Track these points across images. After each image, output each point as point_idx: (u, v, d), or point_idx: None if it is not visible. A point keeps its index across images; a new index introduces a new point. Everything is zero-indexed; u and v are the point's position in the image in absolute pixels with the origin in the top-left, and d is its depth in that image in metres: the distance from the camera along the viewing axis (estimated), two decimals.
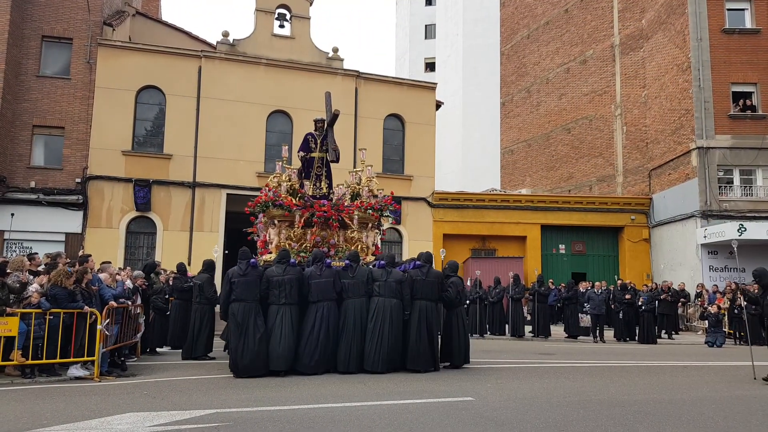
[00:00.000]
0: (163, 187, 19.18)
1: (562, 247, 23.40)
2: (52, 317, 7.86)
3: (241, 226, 12.32)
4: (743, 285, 15.38)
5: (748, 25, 20.54)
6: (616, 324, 16.25)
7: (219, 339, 11.02)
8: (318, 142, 10.80)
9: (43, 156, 18.72)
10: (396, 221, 20.83)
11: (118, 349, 9.11)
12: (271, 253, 9.84)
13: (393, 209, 11.19)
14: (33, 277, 8.45)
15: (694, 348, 14.58)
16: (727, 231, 18.45)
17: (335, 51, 21.53)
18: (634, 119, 24.10)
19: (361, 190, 10.55)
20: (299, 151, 10.83)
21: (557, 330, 17.62)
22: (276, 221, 9.91)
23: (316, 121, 11.07)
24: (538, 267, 21.05)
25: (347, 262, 9.02)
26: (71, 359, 8.05)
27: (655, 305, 16.22)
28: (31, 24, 18.65)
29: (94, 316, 8.11)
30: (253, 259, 8.75)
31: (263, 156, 20.24)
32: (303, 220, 9.90)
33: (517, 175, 31.05)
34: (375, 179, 10.91)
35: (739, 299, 11.89)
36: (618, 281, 17.41)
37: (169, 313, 11.63)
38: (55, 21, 18.86)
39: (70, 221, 18.32)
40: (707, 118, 19.89)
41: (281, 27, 21.18)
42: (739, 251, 18.99)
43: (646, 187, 23.28)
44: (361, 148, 11.85)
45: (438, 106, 23.24)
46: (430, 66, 45.85)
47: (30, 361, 7.77)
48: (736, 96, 20.21)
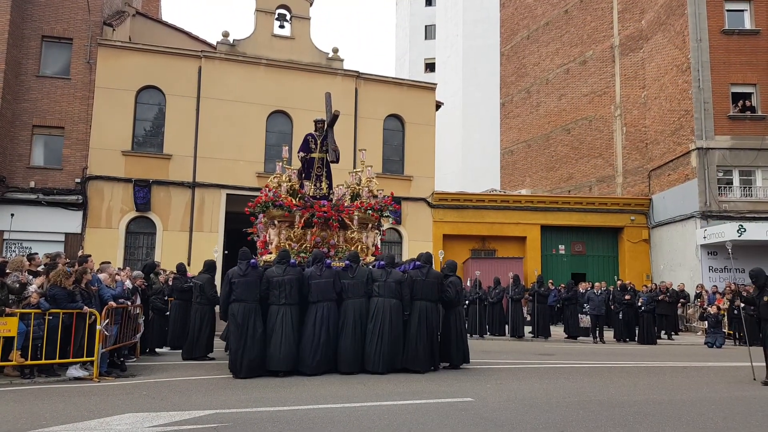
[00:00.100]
0: (162, 187, 19.18)
1: (562, 247, 23.41)
2: (51, 317, 7.85)
3: (241, 227, 12.32)
4: (742, 286, 15.41)
5: (748, 26, 20.54)
6: (616, 325, 16.25)
7: (219, 340, 11.01)
8: (318, 142, 10.83)
9: (43, 156, 18.72)
10: (396, 221, 20.84)
11: (118, 350, 9.10)
12: (271, 253, 9.85)
13: (393, 209, 11.20)
14: (32, 278, 8.44)
15: (693, 349, 14.59)
16: (726, 232, 18.45)
17: (335, 51, 21.53)
18: (633, 120, 24.10)
19: (361, 191, 10.56)
20: (299, 152, 10.85)
21: (557, 330, 17.63)
22: (276, 222, 9.92)
23: (316, 121, 11.09)
24: (537, 267, 21.04)
25: (347, 262, 9.03)
26: (70, 359, 8.04)
27: (655, 306, 16.22)
28: (31, 24, 18.65)
29: (94, 317, 8.11)
30: (253, 260, 8.75)
31: (263, 156, 20.24)
32: (303, 221, 9.91)
33: (516, 175, 31.05)
34: (375, 180, 10.92)
35: (737, 302, 11.91)
36: (618, 282, 17.40)
37: (168, 313, 11.63)
38: (55, 21, 18.87)
39: (70, 221, 18.32)
40: (707, 119, 19.90)
41: (281, 27, 21.19)
42: (739, 252, 19.17)
43: (646, 187, 23.28)
44: (361, 149, 11.86)
45: (438, 106, 23.25)
46: (430, 66, 45.86)
47: (29, 362, 7.76)
48: (736, 97, 20.21)
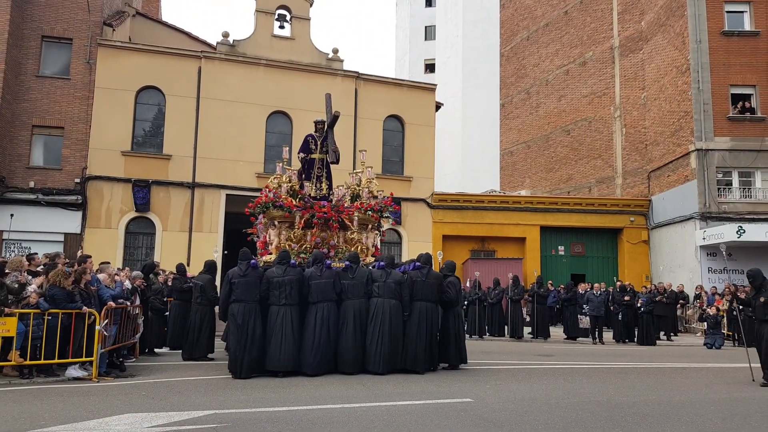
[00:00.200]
0: (162, 187, 19.18)
1: (561, 248, 23.42)
2: (50, 318, 7.85)
3: (241, 227, 12.32)
4: (741, 287, 15.39)
5: (747, 27, 20.55)
6: (615, 325, 16.26)
7: (220, 340, 11.01)
8: (318, 143, 10.84)
9: (43, 156, 18.72)
10: (396, 222, 20.84)
11: (117, 350, 9.10)
12: (271, 254, 9.85)
13: (393, 210, 11.20)
14: (31, 278, 8.44)
15: (692, 349, 14.59)
16: (726, 233, 18.46)
17: (335, 52, 21.54)
18: (633, 121, 24.11)
19: (361, 192, 10.57)
20: (299, 153, 10.86)
21: (556, 331, 17.62)
22: (276, 222, 9.92)
23: (316, 122, 11.10)
24: (537, 268, 21.05)
25: (347, 263, 9.03)
26: (69, 360, 8.04)
27: (653, 307, 16.21)
28: (30, 24, 18.65)
29: (93, 317, 8.11)
30: (253, 260, 8.75)
31: (263, 157, 20.24)
32: (303, 221, 9.91)
33: (516, 176, 31.06)
34: (375, 180, 10.92)
35: (734, 304, 11.89)
36: (617, 283, 17.40)
37: (167, 313, 11.62)
38: (55, 21, 18.87)
39: (69, 221, 18.31)
40: (706, 120, 19.91)
41: (281, 28, 21.20)
42: (739, 253, 19.22)
43: (646, 188, 23.29)
44: (361, 150, 11.86)
45: (438, 107, 23.25)
46: (430, 67, 45.87)
47: (28, 362, 7.76)
48: (735, 98, 20.22)
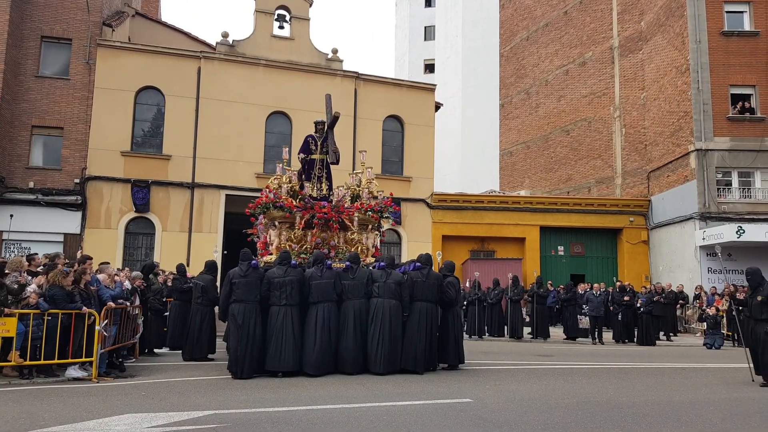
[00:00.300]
0: (162, 187, 19.17)
1: (561, 248, 23.42)
2: (50, 318, 7.85)
3: (240, 227, 12.33)
4: (738, 287, 15.39)
5: (747, 27, 20.55)
6: (615, 326, 16.25)
7: (222, 341, 10.99)
8: (318, 144, 10.84)
9: (42, 156, 18.71)
10: (396, 222, 20.83)
11: (117, 350, 9.10)
12: (271, 254, 9.85)
13: (393, 211, 11.21)
14: (31, 278, 8.44)
15: (692, 350, 14.60)
16: (725, 233, 18.47)
17: (335, 52, 21.53)
18: (632, 121, 24.12)
19: (361, 192, 10.58)
20: (300, 153, 10.87)
21: (556, 331, 17.62)
22: (276, 223, 9.93)
23: (316, 123, 11.11)
24: (537, 268, 21.05)
25: (348, 263, 9.04)
26: (69, 360, 8.04)
27: (652, 307, 16.21)
28: (30, 24, 18.65)
29: (93, 317, 8.11)
30: (254, 261, 8.76)
31: (262, 157, 20.24)
32: (303, 222, 9.92)
33: (516, 176, 31.06)
34: (375, 181, 10.94)
35: (734, 309, 11.90)
36: (617, 283, 17.41)
37: (166, 314, 11.61)
38: (55, 21, 18.86)
39: (69, 222, 18.30)
40: (706, 121, 19.91)
41: (281, 28, 21.19)
42: (738, 253, 19.24)
43: (645, 189, 23.29)
44: (361, 150, 11.86)
45: (437, 107, 23.25)
46: (430, 67, 45.87)
47: (28, 362, 7.76)
48: (735, 98, 20.22)
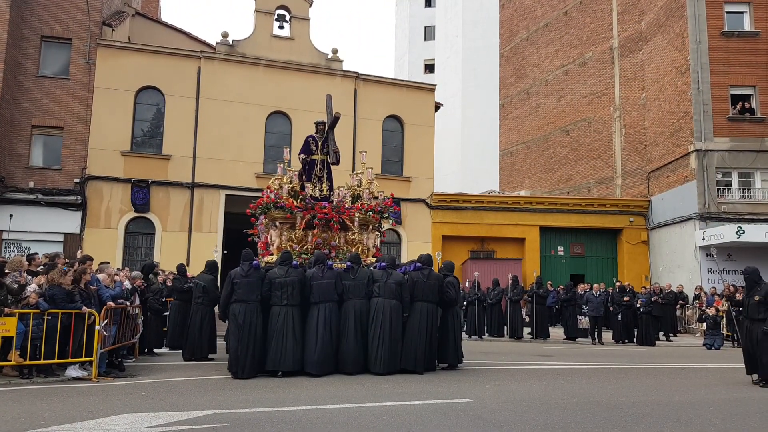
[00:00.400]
0: (161, 187, 19.17)
1: (561, 248, 23.42)
2: (50, 318, 7.85)
3: (240, 227, 12.33)
4: (738, 288, 15.41)
5: (747, 27, 20.56)
6: (615, 326, 16.25)
7: (222, 341, 10.98)
8: (319, 144, 10.85)
9: (42, 156, 18.71)
10: (396, 222, 20.83)
11: (116, 350, 9.10)
12: (272, 254, 9.86)
13: (393, 211, 11.22)
14: (31, 278, 8.44)
15: (692, 350, 14.59)
16: (725, 233, 18.48)
17: (335, 52, 21.53)
18: (632, 121, 24.12)
19: (361, 193, 10.58)
20: (300, 154, 10.89)
21: (556, 332, 17.62)
22: (277, 223, 9.94)
23: (317, 123, 11.11)
24: (536, 269, 21.05)
25: (348, 264, 9.04)
26: (69, 360, 8.04)
27: (652, 307, 16.22)
28: (30, 24, 18.64)
29: (93, 317, 8.11)
30: (255, 261, 8.77)
31: (262, 157, 20.24)
32: (304, 222, 9.93)
33: (515, 176, 31.06)
34: (375, 181, 10.94)
35: (733, 312, 11.94)
36: (617, 283, 17.41)
37: (166, 314, 11.61)
38: (55, 21, 18.86)
39: (69, 222, 18.30)
40: (706, 121, 19.92)
41: (281, 28, 21.19)
42: (738, 253, 19.26)
43: (645, 189, 23.30)
44: (361, 150, 11.87)
45: (437, 107, 23.25)
46: (430, 67, 45.86)
47: (28, 362, 7.76)
48: (735, 99, 20.23)
